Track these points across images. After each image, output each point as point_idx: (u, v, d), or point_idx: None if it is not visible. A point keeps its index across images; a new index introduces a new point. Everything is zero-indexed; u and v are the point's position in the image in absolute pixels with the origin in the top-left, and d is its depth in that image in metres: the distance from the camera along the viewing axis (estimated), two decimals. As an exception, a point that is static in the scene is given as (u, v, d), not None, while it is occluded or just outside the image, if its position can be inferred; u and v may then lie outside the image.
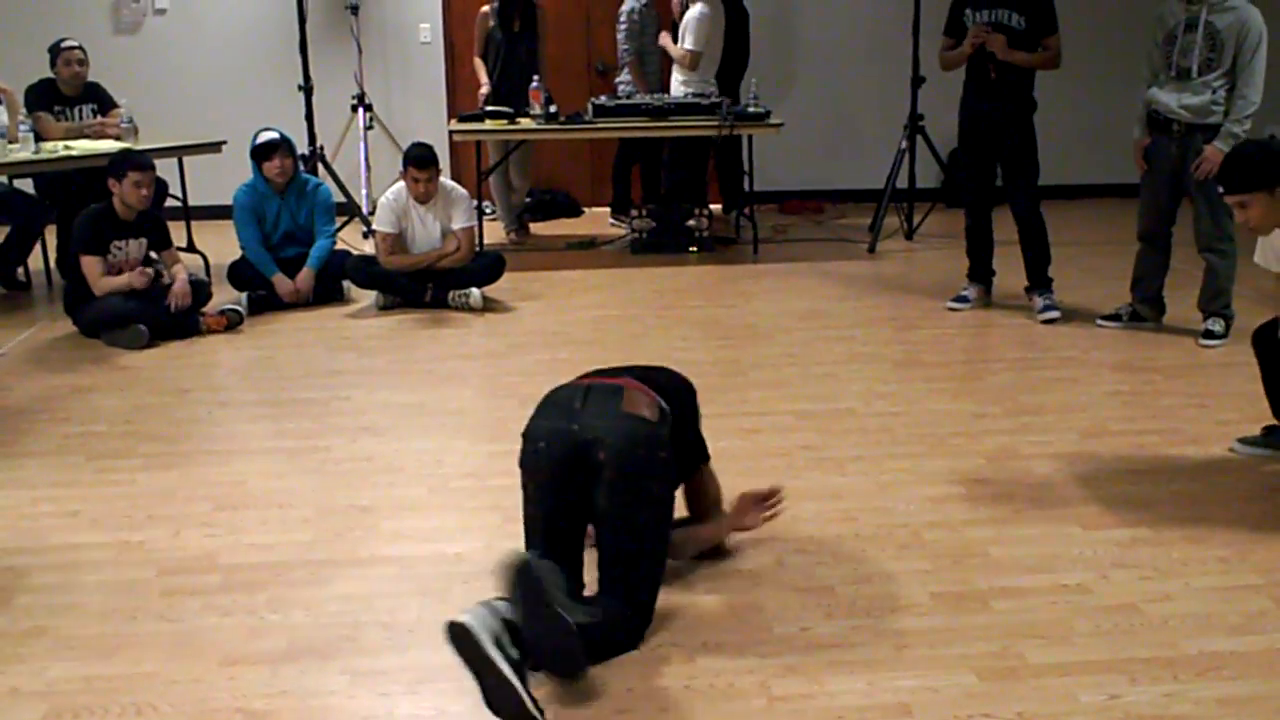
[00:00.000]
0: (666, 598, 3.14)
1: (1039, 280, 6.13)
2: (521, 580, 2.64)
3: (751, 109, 7.74)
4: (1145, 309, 5.87)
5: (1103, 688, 2.72)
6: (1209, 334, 5.58)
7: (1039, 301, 6.09)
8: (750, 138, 8.02)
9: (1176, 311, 5.87)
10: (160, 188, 6.64)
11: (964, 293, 6.34)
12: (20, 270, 7.10)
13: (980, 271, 6.34)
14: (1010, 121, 5.95)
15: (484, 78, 8.17)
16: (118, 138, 7.02)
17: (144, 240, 5.99)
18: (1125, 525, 3.60)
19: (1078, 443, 4.32)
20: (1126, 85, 5.90)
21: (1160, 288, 5.84)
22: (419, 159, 6.32)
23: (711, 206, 8.24)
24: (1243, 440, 4.23)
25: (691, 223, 7.87)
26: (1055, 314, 5.99)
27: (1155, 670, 2.79)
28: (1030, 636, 2.95)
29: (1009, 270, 6.37)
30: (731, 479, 3.67)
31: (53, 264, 7.15)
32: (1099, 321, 5.94)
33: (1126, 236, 6.00)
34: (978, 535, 3.53)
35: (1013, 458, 4.17)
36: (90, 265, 5.79)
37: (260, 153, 6.44)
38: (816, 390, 4.96)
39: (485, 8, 8.15)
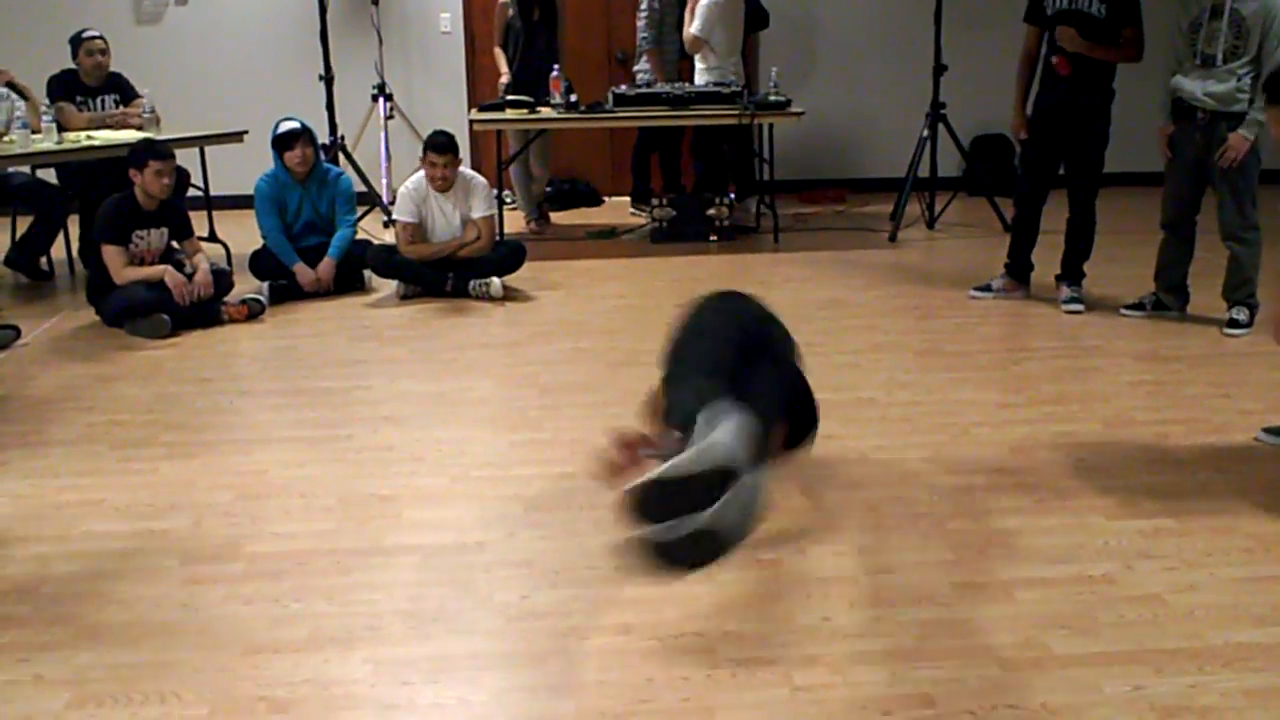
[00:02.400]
0: (688, 587, 3.13)
1: (1073, 272, 6.08)
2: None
3: (772, 97, 7.72)
4: (1169, 298, 5.84)
5: (1128, 678, 2.71)
6: (1233, 323, 5.54)
7: (1065, 292, 6.05)
8: (770, 126, 8.00)
9: (1200, 300, 5.83)
10: (182, 177, 6.66)
11: (989, 281, 6.31)
12: (43, 260, 7.14)
13: (1019, 265, 6.28)
14: (1085, 112, 5.82)
15: (504, 67, 8.17)
16: (140, 128, 7.04)
17: (165, 230, 6.01)
18: (1149, 516, 3.58)
19: (1101, 432, 4.30)
20: (1151, 73, 5.85)
21: (1184, 276, 5.81)
22: (436, 144, 6.33)
23: (731, 195, 8.21)
24: (1268, 430, 4.20)
25: (712, 211, 7.86)
26: (1079, 307, 5.95)
27: (1180, 661, 2.78)
28: (1054, 627, 2.94)
29: (1040, 260, 6.32)
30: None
31: (75, 253, 7.18)
32: (1123, 310, 5.90)
33: (1150, 225, 5.96)
34: (1001, 525, 3.52)
35: (1036, 447, 4.15)
36: (112, 255, 5.81)
37: (281, 142, 6.46)
38: (838, 379, 4.95)
39: (504, -3, 8.15)
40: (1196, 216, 5.69)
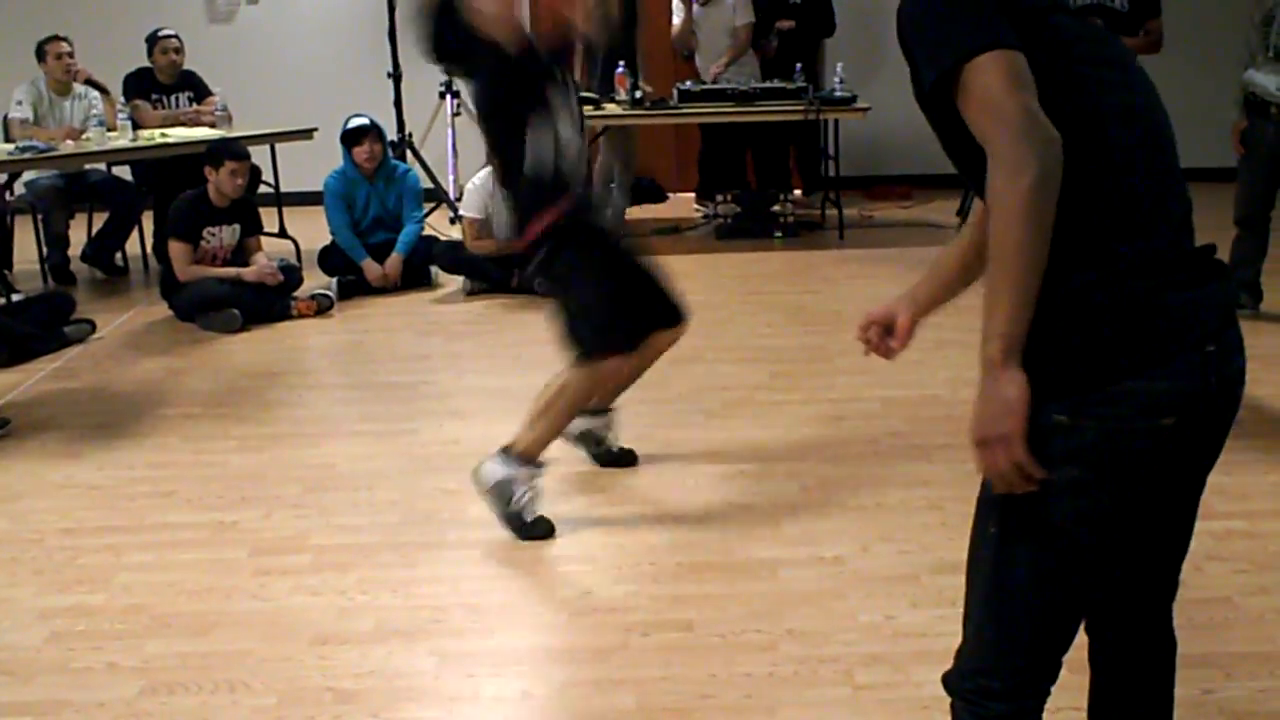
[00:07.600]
0: (750, 585, 3.14)
1: None
2: None
3: (838, 93, 7.68)
4: (1242, 295, 5.72)
5: (1197, 682, 2.66)
6: (1310, 321, 5.45)
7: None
8: (836, 122, 7.96)
9: (1274, 298, 5.72)
10: (253, 174, 6.76)
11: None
12: (118, 255, 7.27)
13: None
14: None
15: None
16: (212, 125, 7.15)
17: (237, 226, 6.08)
18: (1221, 517, 3.49)
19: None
20: (1224, 67, 5.76)
21: (1258, 273, 5.70)
22: None
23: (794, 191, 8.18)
24: None
25: (776, 208, 7.83)
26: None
27: (1251, 665, 2.73)
28: (1121, 629, 2.90)
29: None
30: (816, 465, 3.67)
31: (149, 249, 7.31)
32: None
33: (1224, 221, 5.85)
34: (1067, 525, 3.47)
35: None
36: (177, 251, 5.89)
37: (350, 138, 6.52)
38: (903, 377, 4.90)
39: (571, -7, 8.16)
40: (1270, 212, 5.59)
